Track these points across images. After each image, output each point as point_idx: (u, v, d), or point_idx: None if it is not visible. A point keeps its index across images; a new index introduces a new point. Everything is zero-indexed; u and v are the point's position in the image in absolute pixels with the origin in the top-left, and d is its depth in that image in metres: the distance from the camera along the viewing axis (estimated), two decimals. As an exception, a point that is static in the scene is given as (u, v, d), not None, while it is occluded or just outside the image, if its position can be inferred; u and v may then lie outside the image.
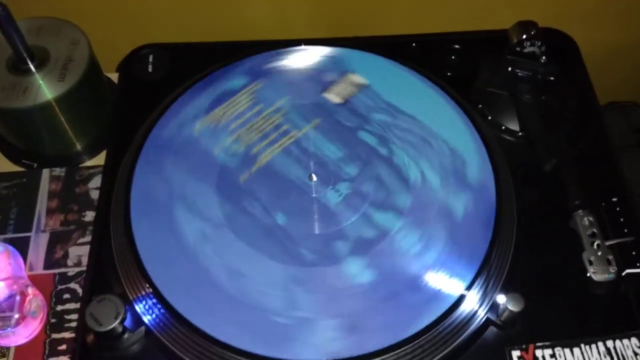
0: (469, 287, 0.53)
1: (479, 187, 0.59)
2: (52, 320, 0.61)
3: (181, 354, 0.51)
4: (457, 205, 0.58)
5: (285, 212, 0.58)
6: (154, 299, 0.53)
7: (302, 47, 0.69)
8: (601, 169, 0.63)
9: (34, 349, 0.59)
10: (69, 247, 0.66)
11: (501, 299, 0.52)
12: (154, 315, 0.52)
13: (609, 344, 0.53)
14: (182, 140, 0.62)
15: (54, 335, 0.60)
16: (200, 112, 0.64)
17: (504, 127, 0.65)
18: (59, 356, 0.59)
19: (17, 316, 0.59)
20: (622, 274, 0.56)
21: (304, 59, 0.69)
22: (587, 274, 0.56)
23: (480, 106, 0.66)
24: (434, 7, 0.87)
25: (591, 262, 0.56)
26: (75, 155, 0.72)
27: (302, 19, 0.87)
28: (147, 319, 0.53)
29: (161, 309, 0.52)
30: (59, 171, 0.71)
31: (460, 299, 0.52)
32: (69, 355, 0.59)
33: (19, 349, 0.59)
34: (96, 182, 0.70)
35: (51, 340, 0.60)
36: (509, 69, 0.66)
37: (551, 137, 0.63)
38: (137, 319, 0.53)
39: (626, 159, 0.85)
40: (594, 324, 0.54)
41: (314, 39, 0.70)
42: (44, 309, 0.61)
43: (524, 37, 0.66)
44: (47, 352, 0.59)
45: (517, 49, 0.66)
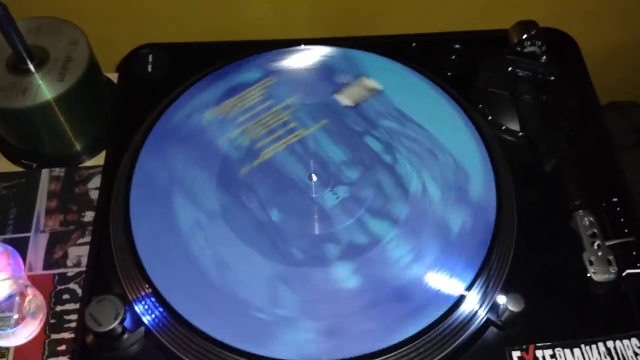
0: (469, 287, 0.53)
1: (479, 206, 0.57)
2: (52, 320, 0.61)
3: (181, 354, 0.51)
4: (454, 221, 0.57)
5: (280, 209, 0.58)
6: (153, 300, 0.52)
7: (322, 46, 0.68)
8: (601, 169, 0.63)
9: (33, 349, 0.59)
10: (68, 248, 0.65)
11: (501, 299, 0.52)
12: (153, 315, 0.52)
13: (610, 344, 0.53)
14: (183, 139, 0.62)
15: (54, 335, 0.60)
16: (201, 108, 0.64)
17: (504, 127, 0.65)
18: (58, 357, 0.59)
19: (16, 316, 0.59)
20: (623, 274, 0.56)
21: (320, 59, 0.68)
22: (588, 274, 0.56)
23: (480, 106, 0.66)
24: (434, 7, 0.87)
25: (591, 262, 0.56)
26: (74, 155, 0.72)
27: (302, 19, 0.87)
28: (146, 320, 0.53)
29: (161, 309, 0.52)
30: (59, 171, 0.71)
31: (460, 299, 0.52)
32: (69, 355, 0.59)
33: (19, 350, 0.59)
34: (96, 182, 0.70)
35: (50, 340, 0.60)
36: (509, 68, 0.66)
37: (551, 137, 0.63)
38: (137, 320, 0.53)
39: (626, 159, 0.85)
40: (594, 324, 0.54)
41: (314, 39, 0.70)
42: (44, 310, 0.61)
43: (524, 36, 0.65)
44: (46, 353, 0.59)
45: (518, 48, 0.66)
